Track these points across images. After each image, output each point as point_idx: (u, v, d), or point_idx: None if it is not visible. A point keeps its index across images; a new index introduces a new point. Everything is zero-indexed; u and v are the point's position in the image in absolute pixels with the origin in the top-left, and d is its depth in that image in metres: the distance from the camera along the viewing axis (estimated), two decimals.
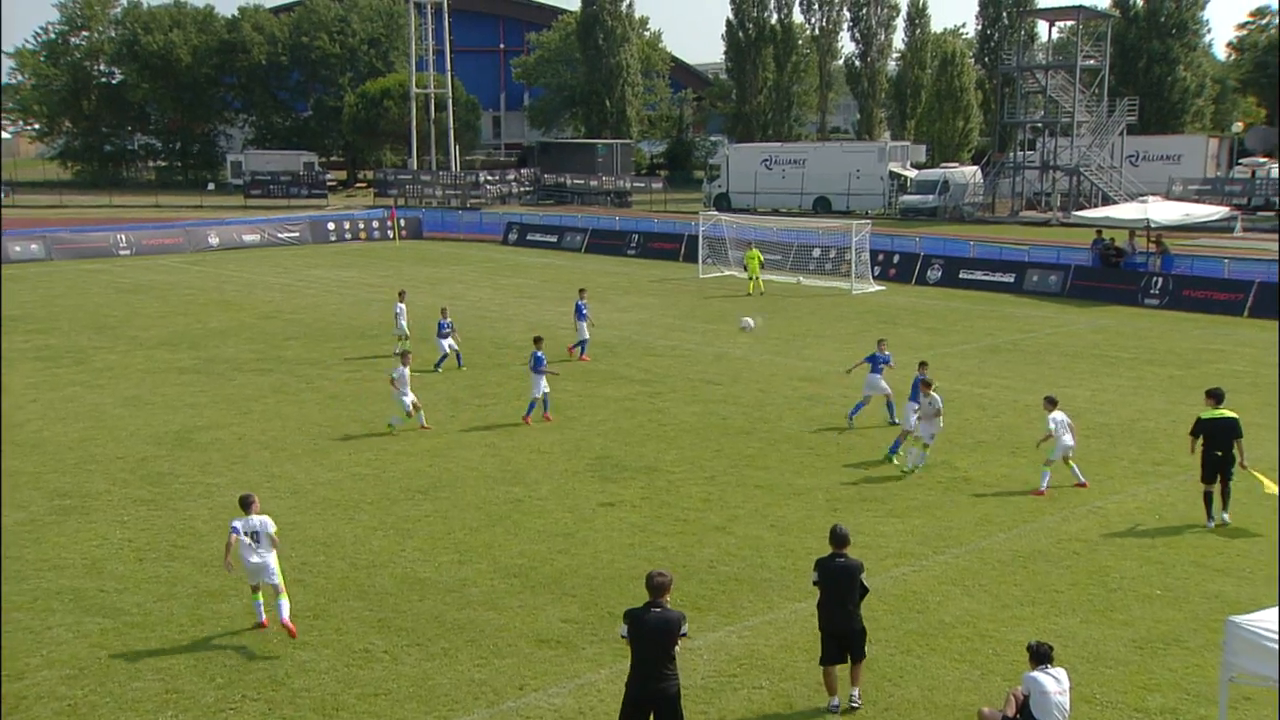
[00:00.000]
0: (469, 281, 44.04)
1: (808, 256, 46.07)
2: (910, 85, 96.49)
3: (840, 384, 25.41)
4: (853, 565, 11.11)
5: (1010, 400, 23.99)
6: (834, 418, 22.60)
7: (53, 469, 19.11)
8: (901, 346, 30.24)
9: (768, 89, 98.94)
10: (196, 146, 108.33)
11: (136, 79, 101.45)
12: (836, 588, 11.08)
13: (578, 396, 24.42)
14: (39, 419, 22.43)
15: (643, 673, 9.56)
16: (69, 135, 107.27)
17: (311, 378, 26.33)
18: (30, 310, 34.65)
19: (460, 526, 16.42)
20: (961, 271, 42.86)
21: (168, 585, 14.25)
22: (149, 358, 28.58)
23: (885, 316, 35.44)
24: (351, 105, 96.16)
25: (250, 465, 19.40)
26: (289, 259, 51.84)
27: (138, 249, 53.56)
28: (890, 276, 43.79)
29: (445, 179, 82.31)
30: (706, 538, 15.99)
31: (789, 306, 37.79)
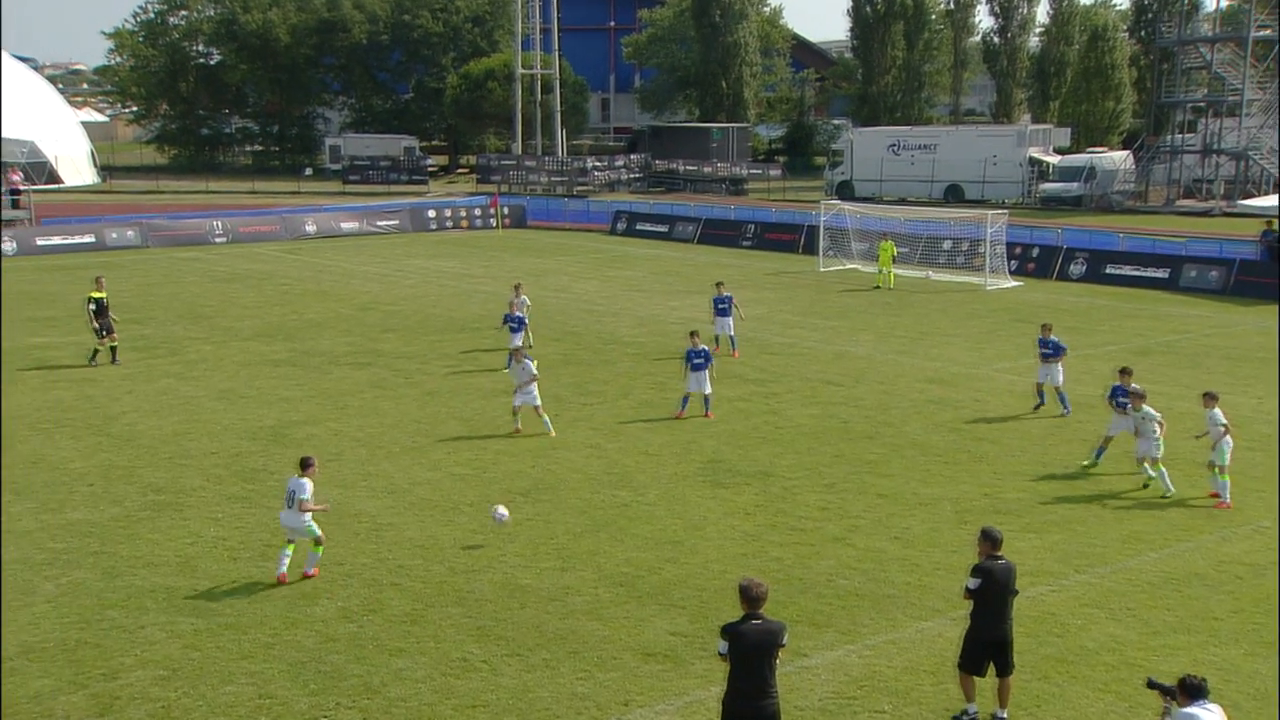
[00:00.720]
0: (574, 273, 44.40)
1: (937, 249, 45.37)
2: (1054, 63, 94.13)
3: (970, 386, 24.98)
4: (1012, 567, 11.24)
5: (1163, 407, 23.18)
6: (963, 422, 22.22)
7: (147, 463, 19.83)
8: None
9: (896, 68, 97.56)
10: (294, 130, 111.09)
11: (234, 60, 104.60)
12: (999, 592, 11.12)
13: None
14: (134, 411, 23.30)
15: (744, 691, 9.56)
16: (166, 118, 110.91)
17: (410, 372, 26.83)
18: (126, 299, 36.00)
19: (563, 531, 16.58)
20: (1108, 266, 41.78)
21: (261, 586, 14.67)
22: (244, 349, 29.45)
23: (1022, 314, 34.71)
24: (454, 86, 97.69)
25: (346, 463, 19.85)
26: (387, 248, 52.91)
27: (233, 236, 55.27)
28: (1028, 271, 42.88)
29: (551, 165, 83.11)
30: (824, 549, 15.87)
31: (917, 302, 37.26)
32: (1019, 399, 23.96)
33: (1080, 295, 38.73)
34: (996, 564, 11.13)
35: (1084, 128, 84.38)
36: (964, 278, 42.06)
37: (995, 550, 11.17)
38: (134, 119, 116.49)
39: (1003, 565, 11.15)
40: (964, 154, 73.84)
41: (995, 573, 11.09)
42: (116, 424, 22.29)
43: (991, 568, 11.11)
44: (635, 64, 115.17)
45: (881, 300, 37.54)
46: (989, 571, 11.09)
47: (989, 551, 11.16)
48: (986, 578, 11.07)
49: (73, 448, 20.74)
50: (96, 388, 25.20)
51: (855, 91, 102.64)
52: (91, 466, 19.64)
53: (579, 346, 29.66)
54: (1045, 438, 21.22)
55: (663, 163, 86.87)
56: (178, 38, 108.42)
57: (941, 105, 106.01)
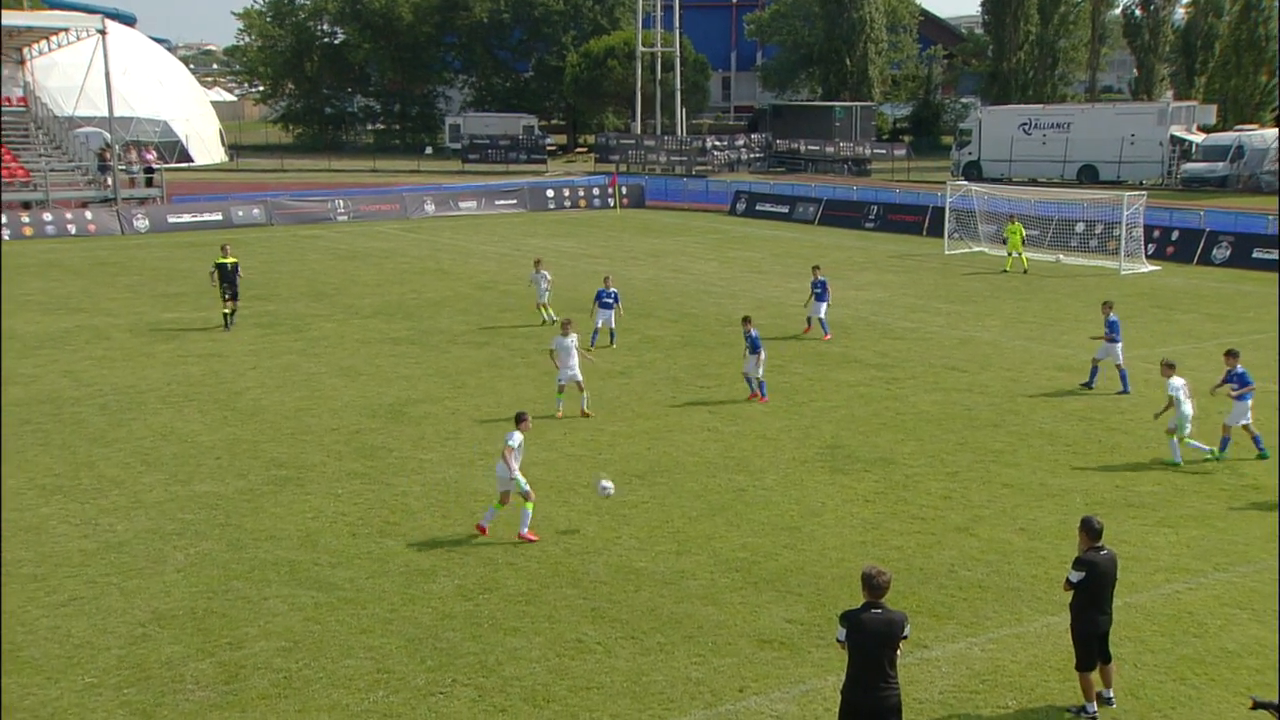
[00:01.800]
0: (693, 254, 44.38)
1: (1070, 232, 44.27)
2: (1201, 36, 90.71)
3: (1103, 374, 24.30)
4: (1115, 557, 11.20)
5: None
6: (1095, 411, 21.68)
7: (270, 438, 20.43)
8: (1179, 335, 28.69)
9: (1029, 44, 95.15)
10: (415, 109, 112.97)
11: (358, 39, 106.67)
12: (1105, 584, 11.06)
13: (808, 380, 24.30)
14: (258, 387, 24.01)
15: (863, 681, 9.52)
16: (291, 97, 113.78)
17: (526, 352, 27.14)
18: (251, 276, 37.03)
19: (679, 515, 16.63)
20: (1256, 250, 40.24)
21: (380, 562, 15.02)
22: (364, 327, 30.11)
23: (1160, 300, 33.66)
24: (574, 65, 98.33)
25: (463, 441, 20.20)
26: (506, 227, 53.54)
27: (355, 215, 56.51)
28: (1168, 255, 41.59)
29: (670, 144, 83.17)
30: (946, 539, 15.66)
31: (1047, 287, 36.40)
32: (1155, 388, 23.24)
33: (1224, 281, 37.39)
34: (1100, 555, 11.04)
35: (1232, 104, 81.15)
36: (1098, 261, 40.96)
37: (1097, 541, 11.07)
38: (261, 98, 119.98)
39: (1106, 555, 11.08)
40: (1100, 133, 71.80)
41: (1100, 564, 11.00)
42: (242, 399, 23.00)
43: (1096, 559, 10.99)
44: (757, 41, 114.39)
45: (1009, 284, 36.76)
46: (1093, 564, 10.97)
47: (1090, 543, 11.07)
48: (1091, 570, 10.95)
49: (200, 421, 21.47)
50: (223, 363, 26.04)
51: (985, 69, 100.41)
52: (218, 440, 20.30)
53: (697, 328, 29.66)
54: None
55: (784, 142, 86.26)
56: (304, 17, 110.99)
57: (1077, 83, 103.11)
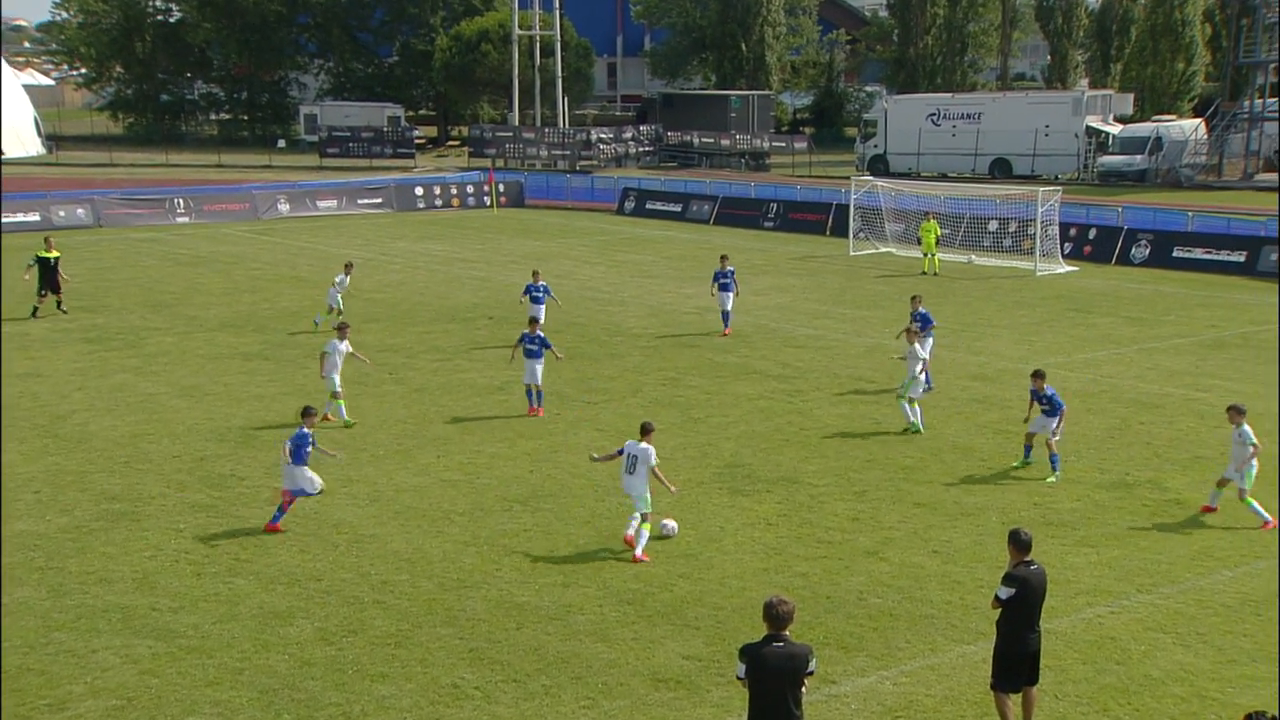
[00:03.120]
0: (578, 257, 44.41)
1: (982, 230, 45.29)
2: (1117, 20, 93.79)
3: (1019, 384, 24.89)
4: (1044, 573, 11.45)
5: None
6: (1010, 423, 22.19)
7: (101, 468, 19.90)
8: (1097, 340, 29.57)
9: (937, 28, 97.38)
10: (265, 97, 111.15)
11: (197, 17, 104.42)
12: (1034, 601, 11.28)
13: (704, 394, 24.47)
14: (86, 410, 23.37)
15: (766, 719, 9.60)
16: (120, 82, 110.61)
17: (395, 367, 26.88)
18: (76, 285, 36.09)
19: (565, 544, 16.62)
20: (1176, 249, 41.71)
21: (228, 604, 14.74)
22: (210, 341, 29.53)
23: (1077, 302, 34.66)
24: (444, 49, 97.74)
25: (325, 467, 19.85)
26: (370, 229, 53.00)
27: (198, 215, 55.39)
28: (1085, 255, 42.83)
29: (552, 137, 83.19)
30: (855, 564, 15.90)
31: (959, 290, 37.24)
32: (1077, 398, 23.94)
33: (1144, 281, 38.67)
34: (1030, 570, 11.27)
35: (1150, 93, 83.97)
36: (1012, 262, 42.02)
37: (1026, 555, 11.31)
38: (84, 83, 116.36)
39: (1036, 571, 11.33)
40: (1013, 124, 73.76)
41: (1030, 580, 11.23)
42: (66, 424, 22.36)
43: (1026, 575, 11.23)
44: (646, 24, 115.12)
45: (919, 288, 37.41)
46: (1024, 580, 11.20)
47: (1019, 556, 11.31)
48: (1022, 587, 11.18)
49: (16, 450, 20.80)
50: (43, 383, 25.29)
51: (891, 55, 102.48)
52: (38, 471, 19.71)
53: (583, 339, 29.68)
54: (1103, 442, 21.22)
55: (676, 135, 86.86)
56: None
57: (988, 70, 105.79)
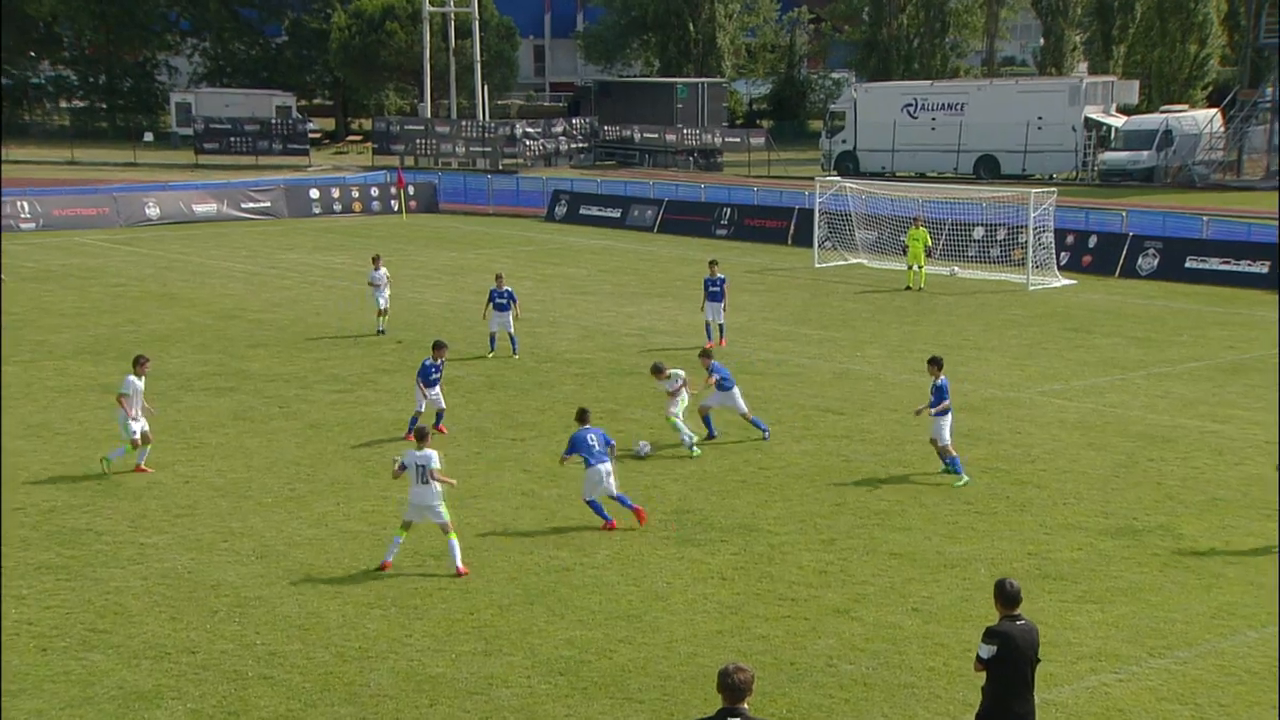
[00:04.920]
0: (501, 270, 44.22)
1: (966, 238, 45.72)
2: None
3: (1009, 414, 25.18)
4: (1034, 629, 11.50)
5: (1259, 441, 23.57)
6: (1000, 460, 22.40)
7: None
8: (1099, 364, 29.90)
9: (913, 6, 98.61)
10: (128, 82, 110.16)
11: None
12: (1020, 661, 11.30)
13: (646, 428, 24.44)
14: None
15: None
16: None
17: (286, 400, 26.67)
18: None
19: (486, 604, 16.52)
20: (1189, 259, 42.26)
21: (82, 685, 14.47)
22: (61, 371, 29.15)
23: (1075, 321, 35.04)
24: (342, 29, 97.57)
25: (201, 518, 19.69)
26: (256, 238, 52.62)
27: (46, 221, 54.77)
28: (1084, 266, 43.29)
29: (470, 131, 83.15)
30: (823, 624, 15.92)
31: (940, 306, 37.53)
32: (1076, 431, 24.20)
33: (1152, 296, 39.16)
34: (1016, 625, 11.33)
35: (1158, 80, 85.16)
36: (1001, 275, 42.41)
37: (1014, 609, 11.38)
38: None
39: (1023, 626, 11.38)
40: (1001, 115, 74.58)
41: (1015, 637, 11.27)
42: None
43: (1010, 631, 11.28)
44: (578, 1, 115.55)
45: (894, 305, 37.78)
46: (1007, 636, 11.25)
47: (1005, 610, 11.38)
48: (1005, 644, 11.22)
49: None
50: None
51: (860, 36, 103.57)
52: None
53: (507, 366, 29.59)
54: (1107, 481, 21.42)
55: (614, 129, 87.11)
56: None
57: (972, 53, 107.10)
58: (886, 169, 74.40)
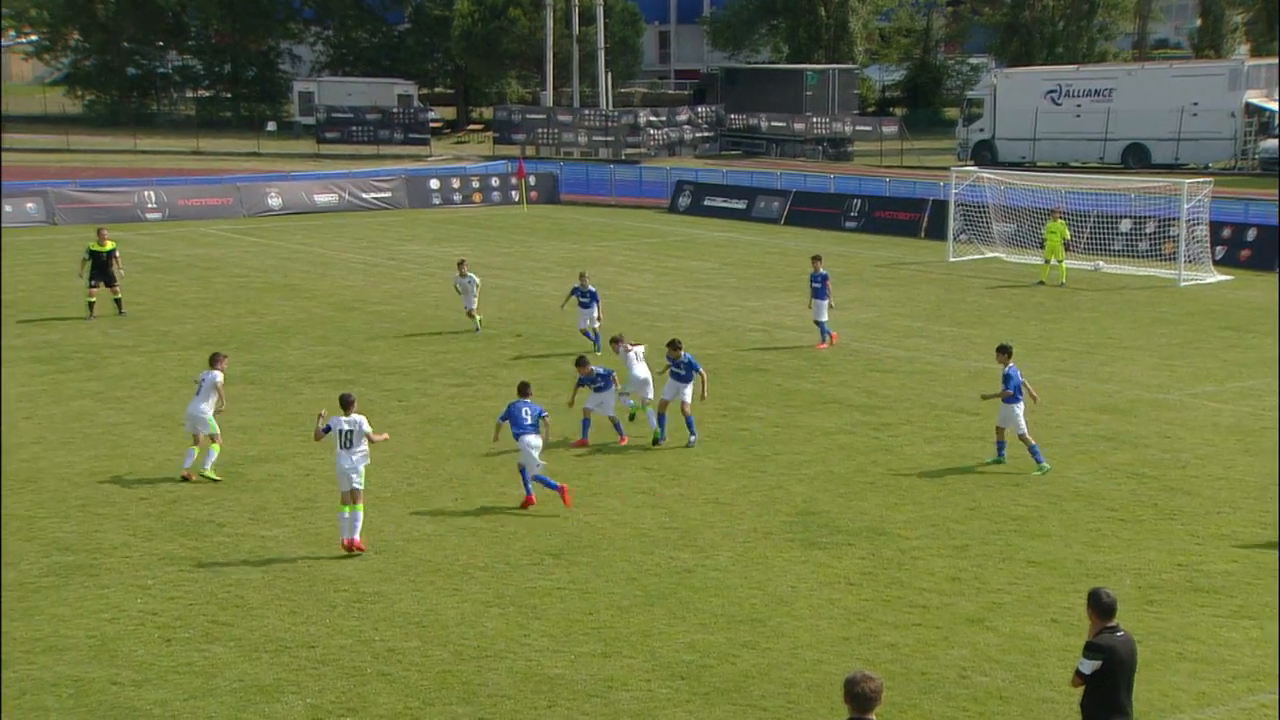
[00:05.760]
0: (623, 263, 44.50)
1: (1112, 232, 45.06)
2: None
3: (1157, 417, 24.75)
4: (1133, 640, 11.42)
5: None
6: (1146, 465, 22.02)
7: (52, 512, 20.06)
8: (1256, 365, 29.26)
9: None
10: (252, 71, 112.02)
11: None
12: (1122, 674, 11.21)
13: (773, 427, 24.43)
14: (35, 443, 23.59)
15: None
16: (78, 52, 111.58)
17: (405, 393, 27.04)
18: (26, 295, 36.57)
19: (606, 605, 16.62)
20: None
21: (204, 677, 14.80)
22: (184, 361, 29.76)
23: (1230, 319, 34.33)
24: (464, 15, 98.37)
25: (320, 511, 20.02)
26: (377, 229, 53.38)
27: (171, 211, 56.02)
28: (1241, 261, 42.46)
29: (592, 120, 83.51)
30: (956, 634, 15.79)
31: (1083, 303, 36.99)
32: (1231, 436, 23.70)
33: None
34: (1117, 637, 11.23)
35: None
36: (1150, 270, 41.71)
37: (1109, 619, 11.28)
38: (34, 52, 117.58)
39: (1123, 638, 11.27)
40: (1152, 101, 73.19)
41: (1118, 650, 11.17)
42: (12, 459, 22.59)
43: (1113, 644, 11.17)
44: None
45: (1034, 301, 37.30)
46: (1112, 650, 11.14)
47: (1102, 623, 11.28)
48: (1109, 658, 11.12)
49: None
50: None
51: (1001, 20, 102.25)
52: None
53: None
54: (1264, 489, 20.92)
55: (740, 117, 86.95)
56: None
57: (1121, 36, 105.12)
58: (1026, 158, 73.44)
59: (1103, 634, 11.21)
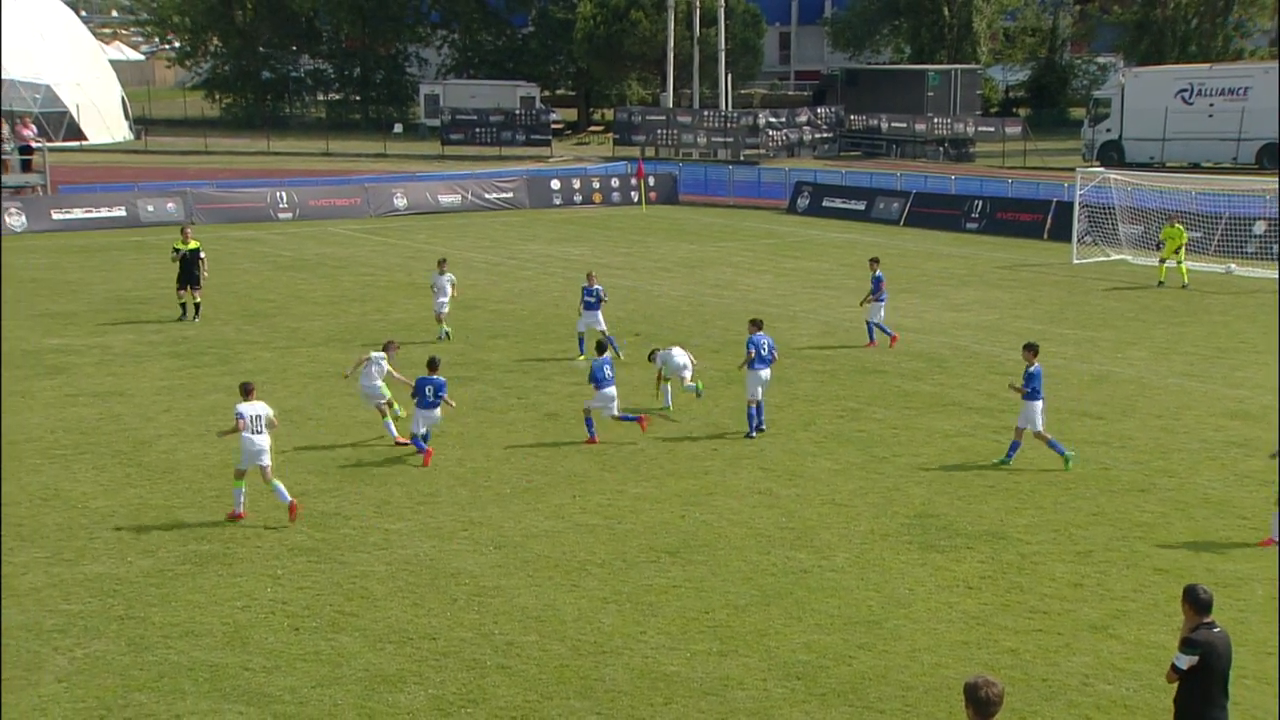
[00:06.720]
0: (741, 264, 44.47)
1: (1245, 233, 44.22)
2: None
3: None
4: (1228, 636, 11.41)
5: None
6: None
7: (188, 502, 20.54)
8: None
9: None
10: (380, 74, 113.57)
11: None
12: (1219, 670, 11.22)
13: (890, 429, 24.30)
14: (172, 435, 24.16)
15: None
16: (217, 57, 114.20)
17: (525, 390, 27.25)
18: (163, 290, 37.34)
19: (722, 604, 16.64)
20: None
21: (331, 665, 15.07)
22: (313, 358, 30.29)
23: None
24: (587, 18, 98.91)
25: (441, 505, 20.26)
26: (499, 229, 53.83)
27: (302, 211, 56.98)
28: None
29: (711, 121, 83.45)
30: (1078, 641, 15.60)
31: (1213, 306, 36.30)
32: None
33: None
34: (1214, 633, 11.19)
35: None
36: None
37: (1206, 615, 11.23)
38: (177, 58, 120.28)
39: (1219, 634, 11.25)
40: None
41: (1216, 645, 11.14)
42: (150, 451, 23.15)
43: (1212, 640, 11.13)
44: None
45: (1161, 303, 36.69)
46: (1210, 646, 11.10)
47: (1199, 619, 11.23)
48: (1208, 653, 11.07)
49: (94, 481, 21.60)
50: (126, 403, 26.23)
51: (1131, 18, 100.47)
52: (118, 505, 20.42)
53: None
54: None
55: (860, 118, 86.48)
56: None
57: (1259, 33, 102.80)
58: (1155, 159, 72.20)
59: (1199, 629, 11.18)
